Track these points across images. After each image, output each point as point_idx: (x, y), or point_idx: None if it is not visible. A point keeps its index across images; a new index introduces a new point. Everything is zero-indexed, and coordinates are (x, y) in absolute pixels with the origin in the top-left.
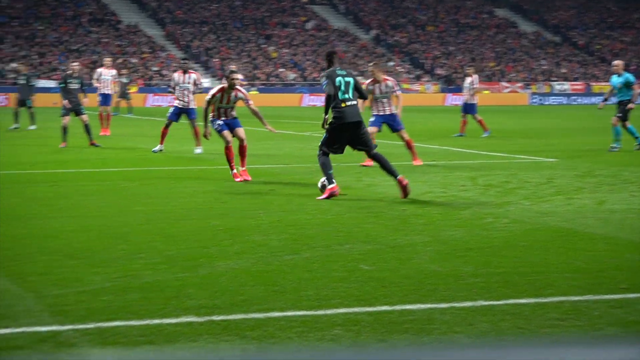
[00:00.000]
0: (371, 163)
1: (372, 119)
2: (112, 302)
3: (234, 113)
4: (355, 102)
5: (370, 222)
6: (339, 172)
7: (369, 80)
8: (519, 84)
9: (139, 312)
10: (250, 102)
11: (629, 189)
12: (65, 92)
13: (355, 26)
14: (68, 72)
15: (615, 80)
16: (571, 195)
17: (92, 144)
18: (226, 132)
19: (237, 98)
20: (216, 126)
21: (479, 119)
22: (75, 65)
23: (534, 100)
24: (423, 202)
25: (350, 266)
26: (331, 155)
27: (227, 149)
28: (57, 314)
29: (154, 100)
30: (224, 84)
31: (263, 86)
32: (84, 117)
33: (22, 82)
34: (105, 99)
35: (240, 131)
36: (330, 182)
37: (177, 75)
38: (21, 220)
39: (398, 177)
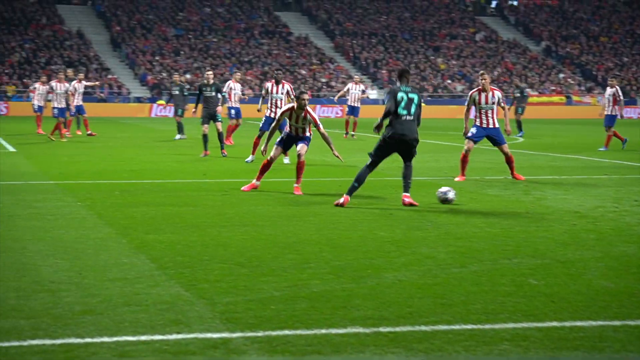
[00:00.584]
0: (522, 177)
1: (473, 131)
2: (281, 311)
3: (307, 133)
4: (412, 119)
5: (539, 237)
6: (507, 185)
7: (475, 90)
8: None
9: (306, 321)
10: (320, 126)
11: None
12: (202, 100)
13: (525, 37)
14: (204, 81)
15: None
16: None
17: (223, 154)
18: (276, 147)
19: (306, 120)
20: (280, 136)
21: (610, 133)
22: (210, 73)
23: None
24: (594, 217)
25: (518, 281)
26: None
27: (266, 161)
28: (227, 321)
29: (321, 111)
30: (294, 103)
31: (430, 98)
32: (219, 124)
33: (176, 92)
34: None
35: (300, 147)
36: (348, 193)
37: (269, 85)
38: (195, 228)
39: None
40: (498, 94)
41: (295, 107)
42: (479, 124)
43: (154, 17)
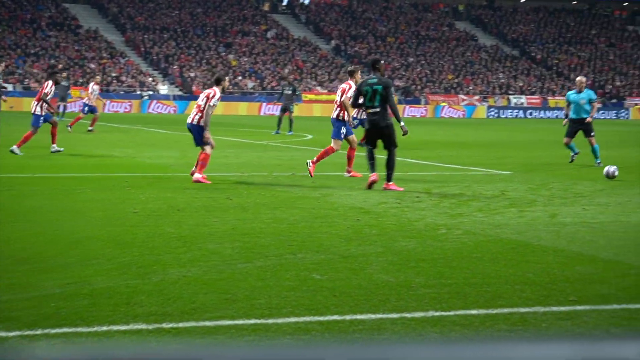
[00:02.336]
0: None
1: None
2: (61, 308)
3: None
4: (376, 110)
5: (324, 232)
6: (295, 180)
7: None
8: (477, 97)
9: (87, 318)
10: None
11: (581, 202)
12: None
13: (315, 36)
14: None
15: (577, 96)
16: (524, 208)
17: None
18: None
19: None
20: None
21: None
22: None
23: (491, 113)
24: (377, 213)
25: (302, 275)
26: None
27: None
28: (4, 320)
29: (111, 106)
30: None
31: (222, 94)
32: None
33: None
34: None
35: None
36: (372, 170)
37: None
38: None
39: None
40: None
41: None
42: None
43: None
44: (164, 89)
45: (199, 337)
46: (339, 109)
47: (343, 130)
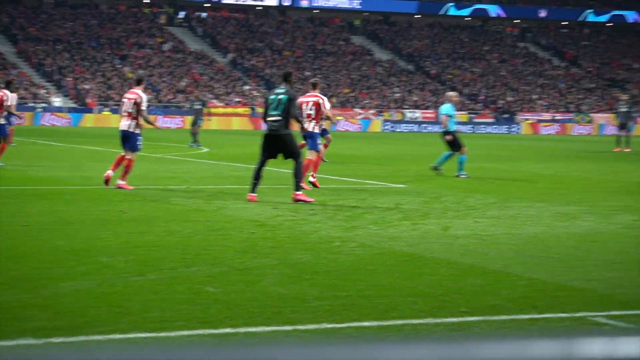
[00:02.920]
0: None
1: None
2: None
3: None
4: (278, 118)
5: (219, 245)
6: (190, 193)
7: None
8: (372, 111)
9: None
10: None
11: (472, 215)
12: None
13: (212, 49)
14: None
15: (450, 109)
16: (417, 220)
17: None
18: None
19: None
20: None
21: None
22: None
23: (387, 127)
24: (272, 226)
25: (196, 288)
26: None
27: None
28: None
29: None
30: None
31: (117, 107)
32: None
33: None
34: None
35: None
36: (252, 191)
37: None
38: None
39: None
40: None
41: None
42: None
43: None
44: (57, 101)
45: (89, 352)
46: (314, 121)
47: (319, 141)
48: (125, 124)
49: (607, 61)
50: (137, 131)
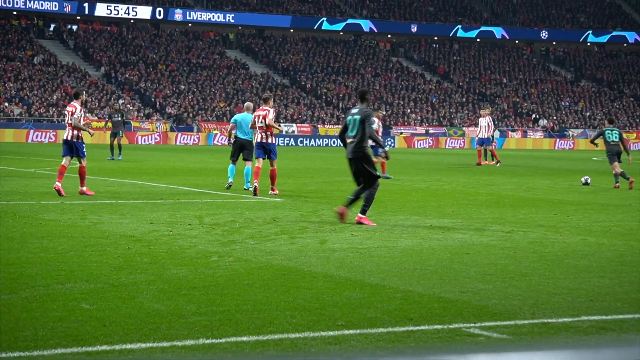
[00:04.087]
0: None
1: None
2: None
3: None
4: (354, 140)
5: (94, 261)
6: (65, 209)
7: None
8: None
9: None
10: None
11: (349, 228)
12: None
13: (85, 62)
14: None
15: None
16: (295, 234)
17: None
18: None
19: None
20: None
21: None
22: None
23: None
24: (148, 241)
25: (70, 305)
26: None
27: None
28: None
29: None
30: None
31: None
32: None
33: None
34: None
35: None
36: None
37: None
38: None
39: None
40: None
41: None
42: None
43: None
44: None
45: None
46: (268, 132)
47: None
48: (70, 134)
49: (477, 76)
50: (81, 140)
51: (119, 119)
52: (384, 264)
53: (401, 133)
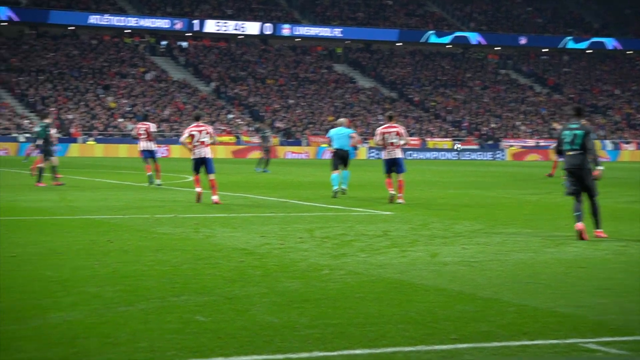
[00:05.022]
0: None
1: None
2: None
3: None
4: (576, 152)
5: (207, 274)
6: (178, 222)
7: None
8: (358, 138)
9: None
10: None
11: (460, 241)
12: None
13: (195, 78)
14: None
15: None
16: (406, 247)
17: None
18: None
19: None
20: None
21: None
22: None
23: (372, 154)
24: (260, 254)
25: (186, 318)
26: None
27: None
28: None
29: None
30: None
31: (101, 136)
32: None
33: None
34: None
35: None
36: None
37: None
38: None
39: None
40: None
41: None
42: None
43: None
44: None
45: None
46: (397, 148)
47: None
48: (204, 151)
49: (588, 87)
50: (210, 156)
51: (268, 134)
52: (496, 278)
53: (511, 146)
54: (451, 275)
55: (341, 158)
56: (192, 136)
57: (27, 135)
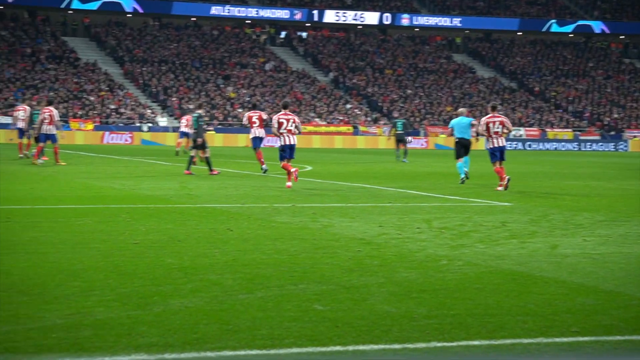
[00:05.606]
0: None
1: None
2: (63, 339)
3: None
4: None
5: (325, 263)
6: (296, 212)
7: None
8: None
9: (89, 349)
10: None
11: (581, 233)
12: None
13: (314, 68)
14: None
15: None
16: (525, 239)
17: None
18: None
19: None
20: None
21: None
22: None
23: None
24: (378, 244)
25: (304, 306)
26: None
27: None
28: (5, 351)
29: (110, 138)
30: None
31: (221, 126)
32: None
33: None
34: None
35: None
36: None
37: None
38: None
39: None
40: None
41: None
42: None
43: None
44: (163, 121)
45: None
46: (500, 137)
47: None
48: (291, 138)
49: None
50: (295, 143)
51: (400, 123)
52: (619, 271)
53: (634, 137)
54: (572, 267)
55: (463, 146)
56: (280, 124)
57: (150, 124)
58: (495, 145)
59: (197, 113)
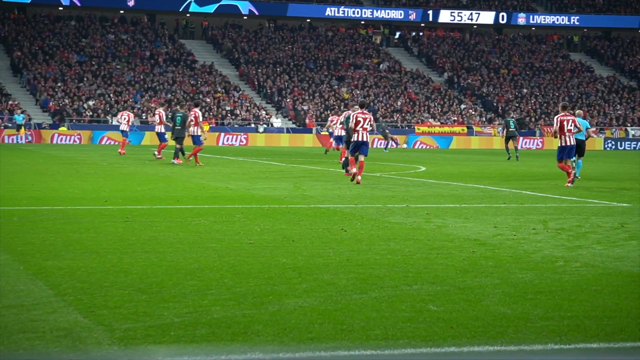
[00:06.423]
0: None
1: None
2: (181, 337)
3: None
4: None
5: (439, 264)
6: (409, 212)
7: None
8: (593, 129)
9: (205, 347)
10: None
11: None
12: None
13: (428, 69)
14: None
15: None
16: None
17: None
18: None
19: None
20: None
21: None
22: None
23: (608, 145)
24: (493, 245)
25: (418, 306)
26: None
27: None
28: (126, 348)
29: (225, 139)
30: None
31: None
32: None
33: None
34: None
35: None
36: None
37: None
38: (95, 255)
39: None
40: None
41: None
42: None
43: (56, 43)
44: (277, 121)
45: None
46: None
47: None
48: (365, 135)
49: None
50: (368, 140)
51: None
52: None
53: None
54: None
55: (577, 147)
56: (358, 122)
57: (265, 125)
58: (568, 143)
59: (346, 114)
